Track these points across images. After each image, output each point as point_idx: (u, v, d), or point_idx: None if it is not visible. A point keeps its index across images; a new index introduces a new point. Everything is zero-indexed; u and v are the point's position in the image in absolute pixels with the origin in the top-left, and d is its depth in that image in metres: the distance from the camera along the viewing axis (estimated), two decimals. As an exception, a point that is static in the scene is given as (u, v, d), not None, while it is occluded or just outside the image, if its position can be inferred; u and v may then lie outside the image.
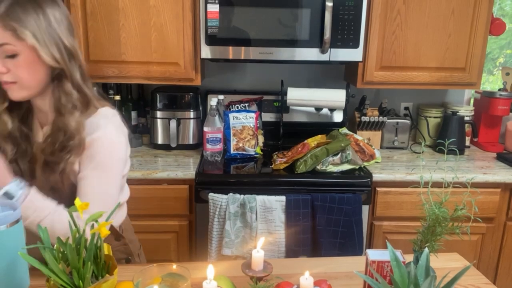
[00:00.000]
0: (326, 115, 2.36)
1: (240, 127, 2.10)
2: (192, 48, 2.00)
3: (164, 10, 1.95)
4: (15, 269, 0.86)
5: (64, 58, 1.00)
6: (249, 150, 2.10)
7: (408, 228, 1.93)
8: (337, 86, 2.26)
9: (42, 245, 0.80)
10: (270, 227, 1.79)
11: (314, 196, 1.78)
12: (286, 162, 1.92)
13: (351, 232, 1.81)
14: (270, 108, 2.35)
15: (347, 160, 1.90)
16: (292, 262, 1.22)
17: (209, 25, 1.91)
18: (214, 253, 1.82)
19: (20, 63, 0.97)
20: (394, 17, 2.03)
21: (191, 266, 0.90)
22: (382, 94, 2.45)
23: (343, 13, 1.93)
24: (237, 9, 1.91)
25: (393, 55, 2.08)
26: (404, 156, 2.22)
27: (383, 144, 2.32)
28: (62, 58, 1.00)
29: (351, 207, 1.79)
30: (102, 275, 0.84)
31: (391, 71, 2.10)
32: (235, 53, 1.96)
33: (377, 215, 1.95)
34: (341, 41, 1.96)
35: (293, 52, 1.97)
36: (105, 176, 1.09)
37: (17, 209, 0.87)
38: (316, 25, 1.94)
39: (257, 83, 2.43)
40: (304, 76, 2.43)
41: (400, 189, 1.92)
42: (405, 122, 2.30)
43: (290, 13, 1.93)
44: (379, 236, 1.98)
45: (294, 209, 1.78)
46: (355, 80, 2.13)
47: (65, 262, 0.81)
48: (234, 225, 1.78)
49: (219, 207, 1.78)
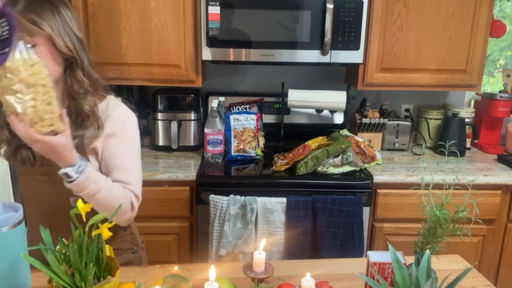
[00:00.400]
0: (326, 117, 2.36)
1: (241, 129, 2.10)
2: (193, 50, 2.00)
3: (165, 12, 1.95)
4: (17, 270, 0.86)
5: (76, 47, 1.11)
6: (250, 152, 2.10)
7: (409, 230, 1.92)
8: (337, 88, 2.26)
9: (44, 246, 0.80)
10: (271, 229, 1.80)
11: (315, 198, 1.79)
12: (287, 163, 1.93)
13: (352, 234, 1.81)
14: (271, 110, 2.35)
15: (347, 162, 1.90)
16: (293, 264, 1.23)
17: (210, 27, 1.91)
18: (215, 255, 1.82)
19: (38, 53, 1.04)
20: (394, 20, 2.04)
21: (193, 268, 0.91)
22: (382, 96, 2.46)
23: (343, 15, 1.94)
24: (238, 11, 1.92)
25: (394, 57, 2.08)
26: (405, 158, 2.22)
27: (383, 145, 2.32)
28: (74, 47, 1.10)
29: (351, 209, 1.79)
30: (104, 276, 0.84)
31: (391, 73, 2.11)
32: (236, 55, 1.97)
33: (378, 217, 1.95)
34: (341, 43, 1.96)
35: (294, 54, 1.97)
36: (135, 148, 1.22)
37: (19, 210, 0.87)
38: (316, 27, 1.94)
39: (258, 85, 2.44)
40: (305, 78, 2.43)
41: (401, 191, 1.92)
42: (406, 124, 2.30)
43: (290, 15, 1.93)
44: (380, 238, 1.98)
45: (295, 211, 1.78)
46: (356, 82, 2.13)
47: (67, 263, 0.81)
48: (233, 226, 1.78)
49: (219, 208, 1.78)
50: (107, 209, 1.04)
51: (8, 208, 0.88)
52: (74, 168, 1.02)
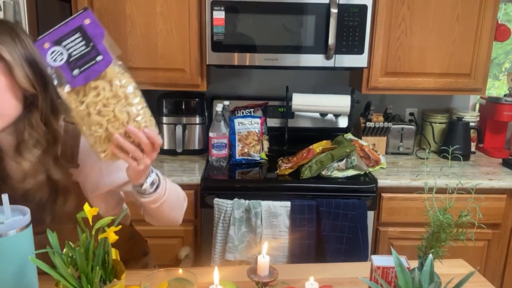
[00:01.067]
0: (331, 121, 2.37)
1: (245, 133, 2.11)
2: (198, 54, 2.02)
3: (170, 17, 1.97)
4: (24, 274, 0.87)
5: (39, 83, 0.90)
6: (254, 156, 2.11)
7: (413, 234, 1.92)
8: (342, 91, 2.26)
9: (52, 249, 0.81)
10: (275, 233, 1.80)
11: (319, 202, 1.79)
12: (291, 167, 1.93)
13: (356, 238, 1.81)
14: (275, 114, 2.36)
15: (352, 166, 1.91)
16: (297, 268, 1.23)
17: (215, 31, 1.93)
18: (218, 258, 1.83)
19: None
20: (398, 24, 2.04)
21: (197, 271, 0.91)
22: (387, 99, 2.46)
23: (347, 19, 1.95)
24: (242, 15, 1.93)
25: (398, 61, 2.09)
26: (409, 162, 2.22)
27: (388, 149, 2.32)
28: (37, 82, 0.90)
29: (356, 213, 1.80)
30: (110, 279, 0.85)
31: (396, 77, 2.11)
32: (241, 59, 1.98)
33: (382, 221, 1.95)
34: (346, 47, 1.97)
35: (298, 58, 1.98)
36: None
37: (26, 214, 0.88)
38: (321, 32, 1.95)
39: (262, 89, 2.45)
40: (309, 82, 2.44)
41: (405, 195, 1.92)
42: (410, 127, 2.30)
43: (295, 19, 1.94)
44: (384, 242, 1.98)
45: (299, 215, 1.78)
46: (360, 86, 2.14)
47: (73, 266, 0.82)
48: (238, 230, 1.79)
49: (224, 212, 1.79)
50: (177, 206, 1.08)
51: (15, 212, 0.89)
52: (149, 180, 0.95)
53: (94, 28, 0.81)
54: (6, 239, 0.84)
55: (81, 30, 0.80)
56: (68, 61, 0.80)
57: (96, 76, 0.81)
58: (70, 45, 0.80)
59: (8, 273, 0.85)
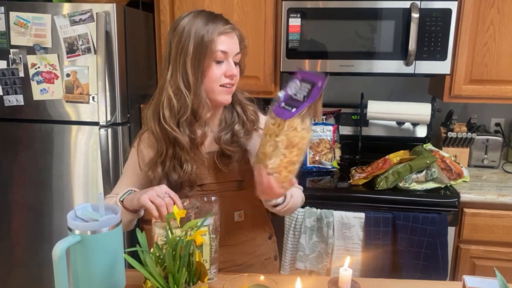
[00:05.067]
0: (408, 130, 2.26)
1: (317, 140, 2.08)
2: (272, 61, 2.03)
3: (246, 25, 2.00)
4: (114, 269, 0.92)
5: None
6: (326, 164, 2.07)
7: (499, 254, 1.77)
8: (419, 99, 2.16)
9: (141, 248, 0.84)
10: (348, 244, 1.75)
11: (396, 215, 1.71)
12: (365, 177, 1.87)
13: (435, 255, 1.70)
14: (348, 121, 2.30)
15: (432, 178, 1.80)
16: (378, 282, 1.18)
17: (290, 38, 1.93)
18: (288, 266, 1.81)
19: (239, 70, 1.17)
20: (486, 28, 1.91)
21: (278, 279, 0.90)
22: (470, 108, 2.31)
23: (430, 24, 1.86)
24: (317, 22, 1.91)
25: (485, 68, 1.95)
26: (495, 176, 2.06)
27: (471, 162, 2.17)
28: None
29: (435, 228, 1.69)
30: (193, 281, 0.87)
31: (481, 84, 1.97)
32: (314, 66, 1.96)
33: (464, 238, 1.82)
34: (427, 53, 1.88)
35: (375, 64, 1.92)
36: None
37: (118, 213, 0.93)
38: (400, 37, 1.88)
39: (335, 96, 2.40)
40: (385, 89, 2.36)
41: (491, 211, 1.78)
42: (496, 139, 2.14)
43: (373, 25, 1.89)
44: (466, 261, 1.84)
45: (374, 227, 1.71)
46: (442, 93, 2.02)
47: (161, 266, 0.84)
48: (309, 239, 1.76)
49: (295, 220, 1.77)
50: (296, 206, 1.21)
51: (108, 211, 0.94)
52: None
53: (317, 91, 0.98)
54: (99, 236, 0.89)
55: (314, 87, 0.99)
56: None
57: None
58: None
59: (100, 268, 0.90)
